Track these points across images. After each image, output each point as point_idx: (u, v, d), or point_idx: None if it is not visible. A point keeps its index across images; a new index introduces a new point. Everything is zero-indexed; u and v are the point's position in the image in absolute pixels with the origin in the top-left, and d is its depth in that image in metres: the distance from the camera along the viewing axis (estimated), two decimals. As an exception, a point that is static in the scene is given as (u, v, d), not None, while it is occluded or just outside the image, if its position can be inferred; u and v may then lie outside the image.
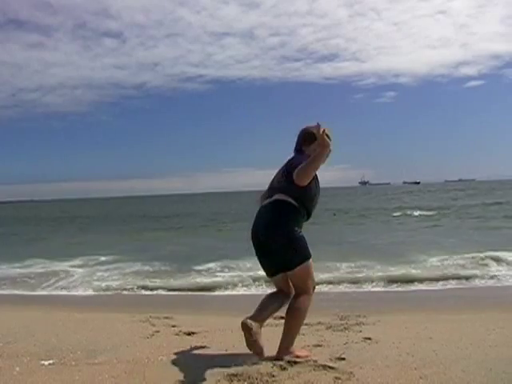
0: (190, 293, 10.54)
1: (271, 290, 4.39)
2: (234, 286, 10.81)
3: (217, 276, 11.90)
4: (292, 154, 3.99)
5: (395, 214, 32.21)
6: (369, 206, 45.98)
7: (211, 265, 13.14)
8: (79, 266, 14.39)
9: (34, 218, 54.12)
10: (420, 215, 30.90)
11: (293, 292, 3.93)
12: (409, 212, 32.57)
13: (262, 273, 4.47)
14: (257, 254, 3.98)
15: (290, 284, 3.90)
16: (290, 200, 3.55)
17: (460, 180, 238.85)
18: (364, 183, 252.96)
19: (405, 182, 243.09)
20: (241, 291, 10.47)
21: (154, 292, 10.76)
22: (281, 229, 3.54)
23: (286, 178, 3.62)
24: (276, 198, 3.65)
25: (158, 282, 11.43)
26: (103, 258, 15.72)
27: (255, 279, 10.73)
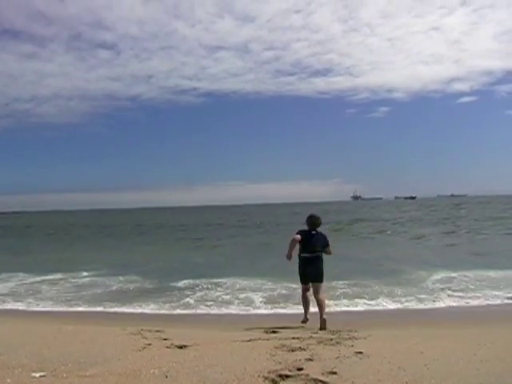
0: (179, 311, 10.29)
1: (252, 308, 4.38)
2: (222, 303, 10.74)
3: (203, 293, 11.83)
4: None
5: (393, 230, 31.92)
6: (362, 219, 46.17)
7: (193, 281, 13.04)
8: (64, 280, 14.35)
9: (22, 230, 53.71)
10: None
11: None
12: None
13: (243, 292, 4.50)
14: (307, 271, 7.69)
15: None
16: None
17: (452, 195, 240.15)
18: (356, 198, 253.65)
19: (397, 197, 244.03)
20: (225, 309, 10.32)
21: (144, 310, 10.51)
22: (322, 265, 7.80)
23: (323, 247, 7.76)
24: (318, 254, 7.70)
25: (145, 300, 11.26)
26: (99, 272, 15.69)
27: (238, 297, 10.84)
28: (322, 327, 7.27)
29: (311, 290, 7.79)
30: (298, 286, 8.67)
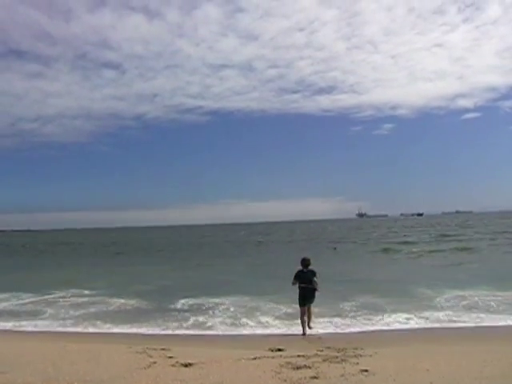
0: (183, 330, 10.22)
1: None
2: (226, 322, 10.70)
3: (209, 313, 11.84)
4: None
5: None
6: (370, 239, 45.97)
7: (196, 300, 13.05)
8: (67, 298, 14.34)
9: (27, 248, 53.73)
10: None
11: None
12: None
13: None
14: (304, 299, 9.33)
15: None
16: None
17: (457, 212, 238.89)
18: (361, 215, 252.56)
19: (402, 214, 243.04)
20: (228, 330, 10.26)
21: (149, 329, 10.46)
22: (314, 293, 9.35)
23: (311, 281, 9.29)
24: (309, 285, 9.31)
25: (149, 319, 11.24)
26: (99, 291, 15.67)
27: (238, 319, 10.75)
28: (310, 327, 9.35)
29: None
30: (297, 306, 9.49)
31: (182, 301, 13.05)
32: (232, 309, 11.89)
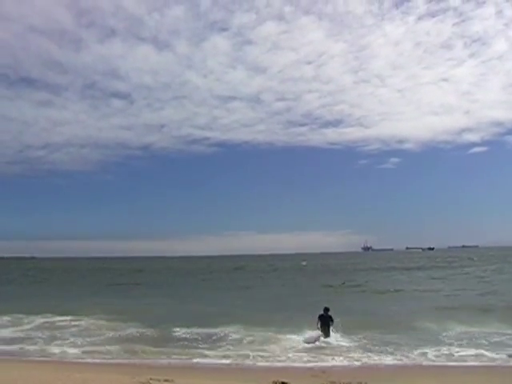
0: (188, 360, 10.22)
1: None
2: (233, 353, 10.69)
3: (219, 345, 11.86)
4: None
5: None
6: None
7: (203, 330, 13.15)
8: (75, 326, 14.35)
9: (39, 274, 53.53)
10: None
11: None
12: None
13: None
14: (323, 331, 12.24)
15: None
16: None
17: (463, 246, 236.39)
18: (367, 249, 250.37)
19: (408, 248, 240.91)
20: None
21: (155, 359, 10.48)
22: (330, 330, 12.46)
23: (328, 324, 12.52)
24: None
25: (155, 348, 11.31)
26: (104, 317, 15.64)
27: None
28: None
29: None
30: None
31: (190, 329, 13.16)
32: (237, 339, 11.93)
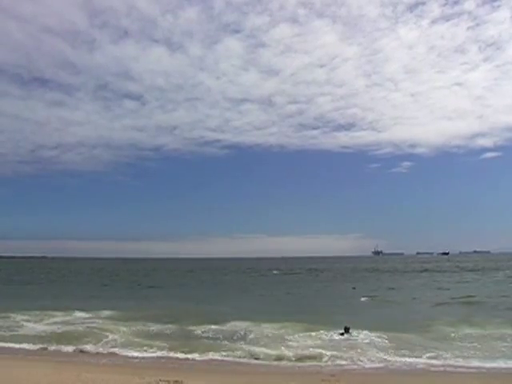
0: (198, 357, 10.33)
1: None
2: (244, 353, 10.69)
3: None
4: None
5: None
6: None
7: (215, 327, 13.25)
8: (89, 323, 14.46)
9: (54, 273, 53.84)
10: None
11: None
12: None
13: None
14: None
15: None
16: None
17: (475, 252, 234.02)
18: (377, 253, 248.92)
19: (418, 253, 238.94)
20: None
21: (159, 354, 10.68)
22: None
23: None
24: None
25: (166, 345, 11.39)
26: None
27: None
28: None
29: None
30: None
31: (203, 327, 13.40)
32: (252, 338, 12.15)
